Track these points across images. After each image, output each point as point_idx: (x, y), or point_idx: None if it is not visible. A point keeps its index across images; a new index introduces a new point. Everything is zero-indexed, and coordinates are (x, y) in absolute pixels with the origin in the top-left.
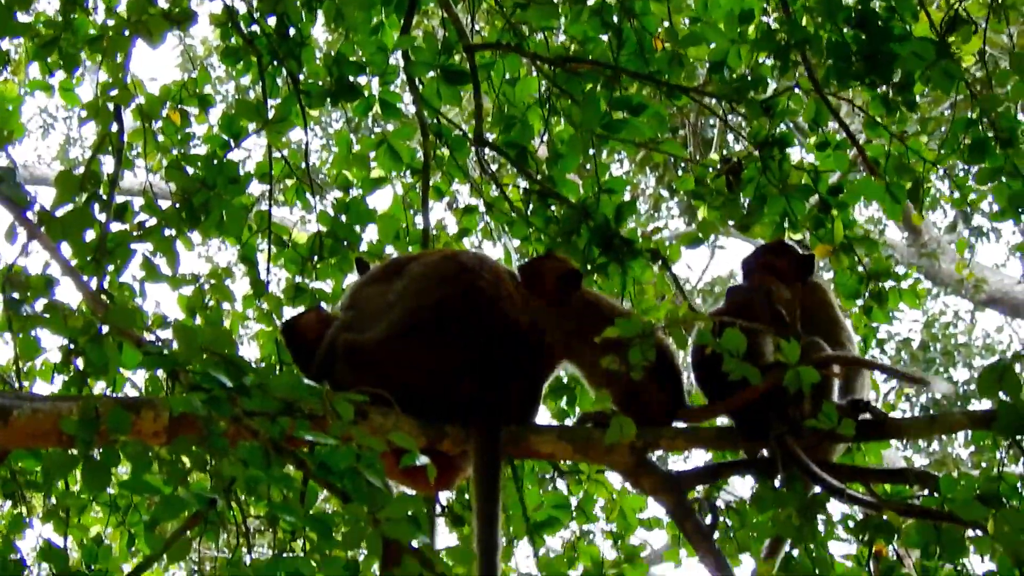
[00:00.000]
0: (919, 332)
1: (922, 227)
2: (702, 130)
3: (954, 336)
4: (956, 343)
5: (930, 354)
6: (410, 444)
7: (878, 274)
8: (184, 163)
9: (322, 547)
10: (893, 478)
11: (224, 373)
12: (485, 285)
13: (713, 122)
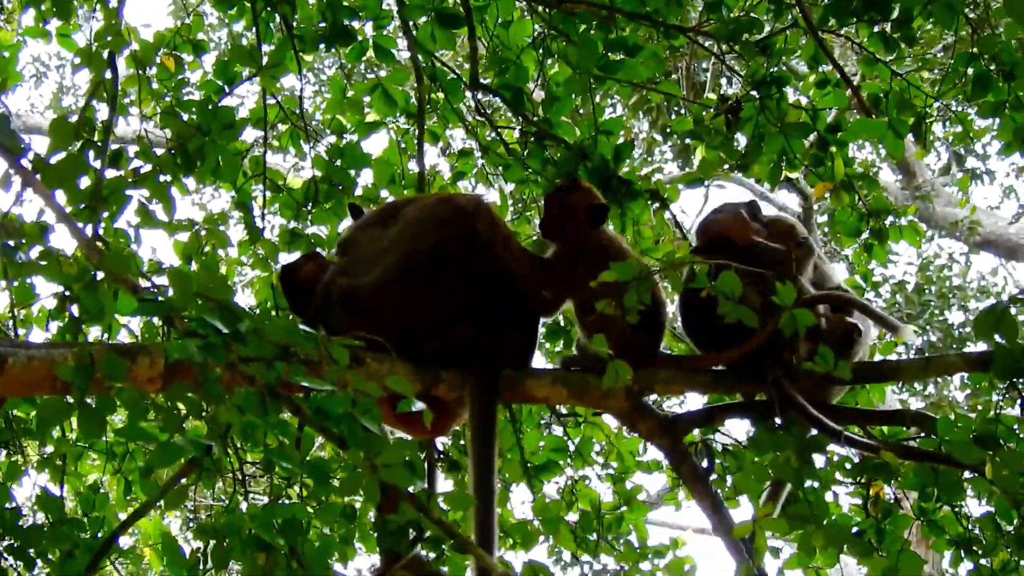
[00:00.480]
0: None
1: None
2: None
3: (949, 279)
4: (951, 285)
5: (925, 296)
6: (406, 389)
7: (878, 211)
8: (178, 109)
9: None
10: (890, 420)
11: (220, 319)
12: (482, 228)
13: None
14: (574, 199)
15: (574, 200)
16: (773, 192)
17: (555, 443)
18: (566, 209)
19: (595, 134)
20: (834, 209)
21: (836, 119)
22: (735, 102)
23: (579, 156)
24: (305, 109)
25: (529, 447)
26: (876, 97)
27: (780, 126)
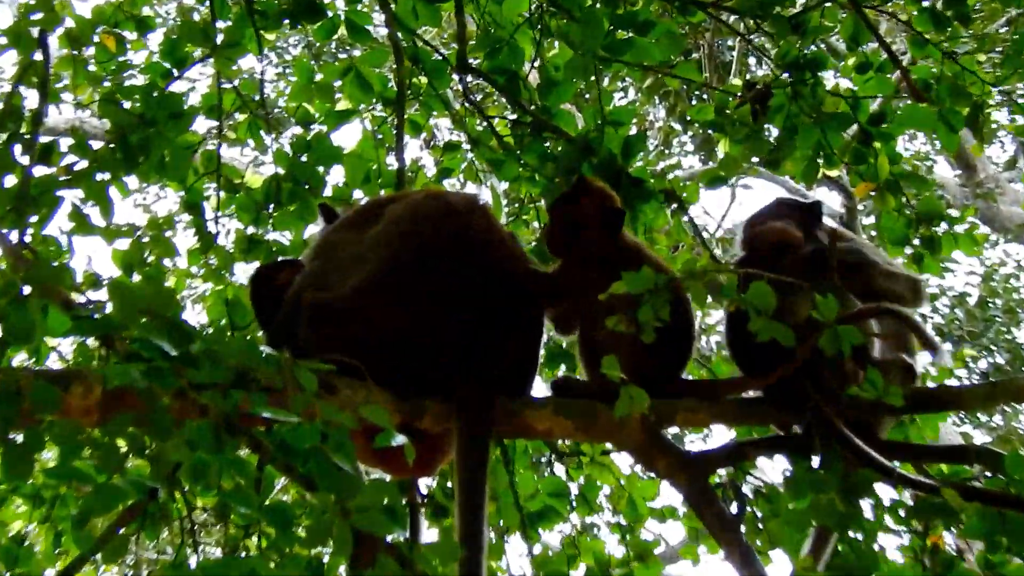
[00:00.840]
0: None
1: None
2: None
3: (1017, 290)
4: (1020, 298)
5: (990, 311)
6: (385, 421)
7: (929, 216)
8: (119, 96)
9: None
10: (951, 457)
11: (167, 340)
12: (473, 231)
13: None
14: (584, 206)
15: (584, 208)
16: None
17: (555, 486)
18: (575, 219)
19: (601, 125)
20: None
21: (881, 108)
22: (764, 88)
23: (583, 150)
24: (266, 95)
25: (524, 491)
26: (927, 82)
27: (816, 116)
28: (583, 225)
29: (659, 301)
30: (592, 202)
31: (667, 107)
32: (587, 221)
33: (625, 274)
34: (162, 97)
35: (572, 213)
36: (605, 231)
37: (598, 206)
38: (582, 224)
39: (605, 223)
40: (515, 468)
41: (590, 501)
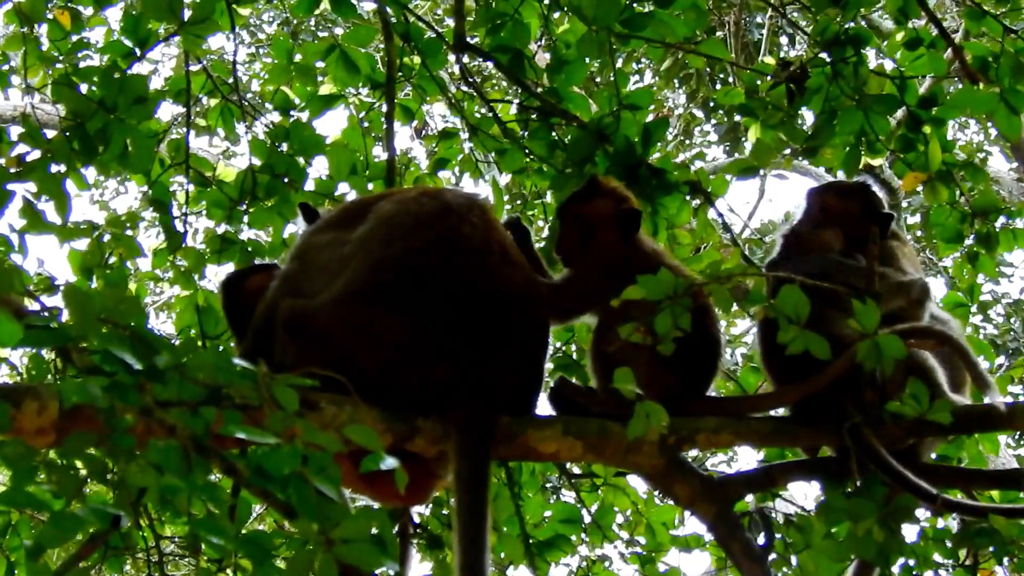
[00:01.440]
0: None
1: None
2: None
3: None
4: None
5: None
6: (373, 442)
7: (985, 210)
8: (75, 79)
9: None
10: (1004, 483)
11: (130, 351)
12: (472, 232)
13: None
14: (596, 208)
15: (596, 209)
16: None
17: (565, 512)
18: (588, 222)
19: (617, 110)
20: (929, 207)
21: (931, 89)
22: (799, 68)
23: (596, 138)
24: (240, 78)
25: (531, 518)
26: (984, 61)
27: (858, 98)
28: (596, 229)
29: (678, 309)
30: (606, 203)
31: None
32: (601, 224)
33: (641, 278)
34: (123, 80)
35: (584, 215)
36: (621, 235)
37: (613, 207)
38: (595, 227)
39: (620, 226)
40: (522, 492)
41: (604, 528)
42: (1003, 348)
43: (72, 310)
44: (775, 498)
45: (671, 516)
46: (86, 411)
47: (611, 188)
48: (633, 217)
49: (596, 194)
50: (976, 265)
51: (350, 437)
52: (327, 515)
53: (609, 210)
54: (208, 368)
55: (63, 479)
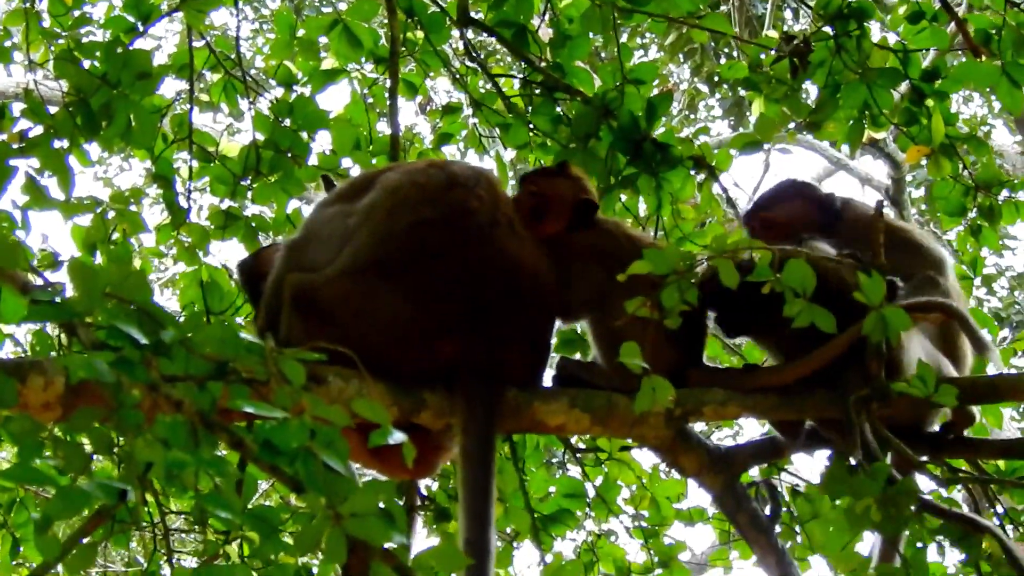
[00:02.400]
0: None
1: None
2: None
3: None
4: None
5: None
6: (380, 416)
7: (989, 183)
8: (78, 54)
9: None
10: (1010, 452)
11: (136, 326)
12: (478, 205)
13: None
14: (559, 187)
15: (559, 189)
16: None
17: (570, 487)
18: (546, 196)
19: (621, 84)
20: (932, 180)
21: (934, 63)
22: (803, 42)
23: (600, 113)
24: (243, 53)
25: (536, 492)
26: (986, 34)
27: (861, 72)
28: (550, 205)
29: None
30: (568, 186)
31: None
32: (556, 203)
33: (647, 252)
34: (126, 55)
35: (543, 189)
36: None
37: (572, 192)
38: (549, 204)
39: (574, 213)
40: (526, 467)
41: (609, 503)
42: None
43: (78, 285)
44: (780, 471)
45: (676, 490)
46: (92, 386)
47: (578, 176)
48: (588, 208)
49: (562, 175)
50: (979, 238)
51: (357, 411)
52: (335, 489)
53: (568, 194)
54: (214, 343)
55: (69, 454)
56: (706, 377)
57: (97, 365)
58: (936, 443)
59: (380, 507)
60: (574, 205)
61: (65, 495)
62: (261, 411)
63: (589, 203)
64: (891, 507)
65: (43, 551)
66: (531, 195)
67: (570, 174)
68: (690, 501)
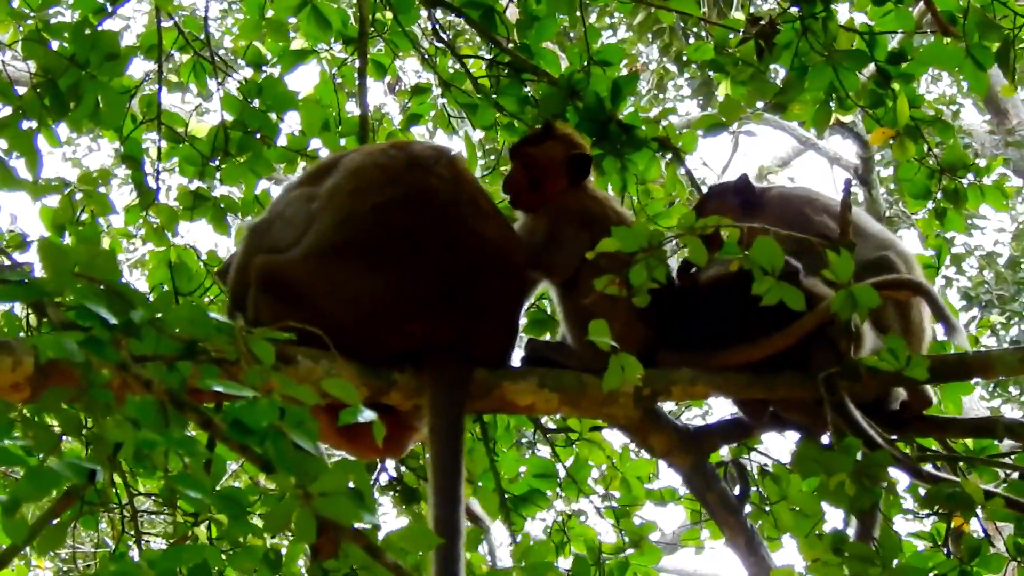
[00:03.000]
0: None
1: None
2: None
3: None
4: None
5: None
6: (350, 396)
7: (953, 166)
8: (46, 35)
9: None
10: (978, 431)
11: (105, 306)
12: (439, 185)
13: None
14: (547, 151)
15: (548, 152)
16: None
17: (540, 467)
18: (538, 163)
19: (587, 65)
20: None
21: (900, 45)
22: (769, 23)
23: (567, 94)
24: (211, 34)
25: (507, 473)
26: (951, 15)
27: (828, 54)
28: (547, 171)
29: (653, 261)
30: (558, 146)
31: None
32: (551, 167)
33: (615, 230)
34: (94, 36)
35: (535, 157)
36: (569, 179)
37: (564, 152)
38: (546, 170)
39: (570, 170)
40: (496, 448)
41: (579, 483)
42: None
43: (47, 265)
44: (750, 451)
45: (646, 470)
46: (61, 366)
47: (565, 133)
48: (583, 162)
49: (549, 137)
50: (944, 221)
51: (327, 391)
52: (304, 469)
53: (560, 154)
54: (184, 322)
55: (38, 434)
56: (675, 356)
57: (66, 345)
58: (903, 422)
59: (350, 487)
60: (568, 162)
61: (34, 476)
62: (231, 391)
63: (582, 157)
64: (865, 479)
65: (11, 533)
66: (524, 167)
67: (556, 134)
68: (661, 481)
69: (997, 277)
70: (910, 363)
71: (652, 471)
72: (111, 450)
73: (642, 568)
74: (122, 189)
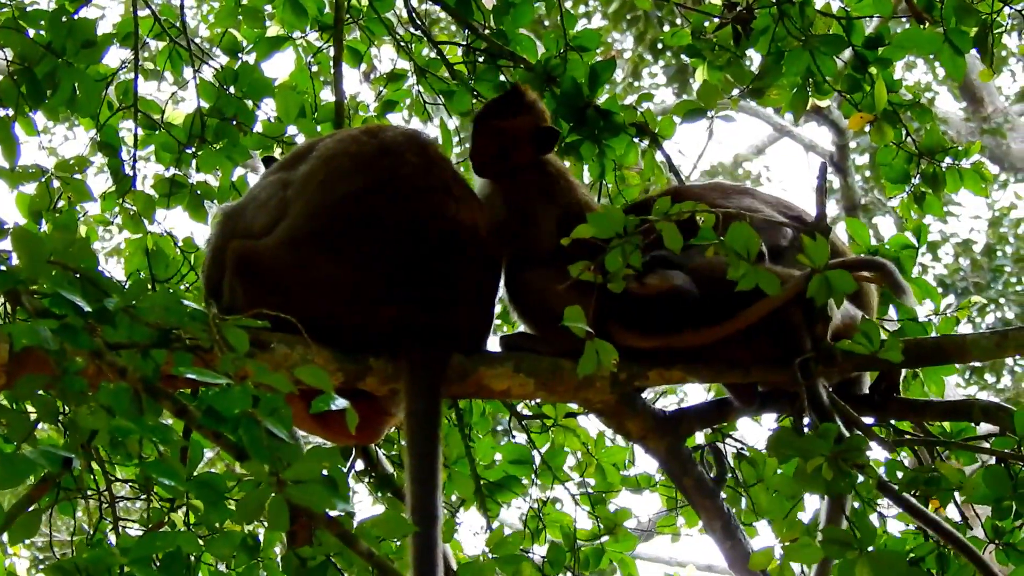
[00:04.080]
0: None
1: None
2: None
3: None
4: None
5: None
6: (324, 382)
7: (931, 150)
8: (22, 23)
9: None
10: (955, 414)
11: (80, 294)
12: (410, 172)
13: None
14: (516, 124)
15: (517, 125)
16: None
17: (516, 453)
18: (507, 136)
19: (564, 51)
20: (876, 147)
21: (877, 30)
22: (745, 8)
23: (543, 80)
24: (187, 22)
25: (482, 459)
26: (929, 1)
27: (804, 39)
28: (516, 143)
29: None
30: (526, 120)
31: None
32: (519, 139)
33: (591, 216)
34: (71, 24)
35: (504, 129)
36: (535, 151)
37: (532, 124)
38: (515, 141)
39: (536, 142)
40: (472, 434)
41: (555, 469)
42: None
43: (22, 253)
44: (726, 434)
45: (622, 457)
46: (36, 353)
47: (532, 102)
48: (550, 135)
49: (518, 110)
50: (923, 205)
51: (300, 377)
52: (278, 456)
53: (529, 127)
54: (158, 310)
55: (14, 422)
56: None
57: (41, 332)
58: (879, 405)
59: (324, 474)
60: (534, 134)
61: (9, 463)
62: (205, 378)
63: (549, 130)
64: (842, 462)
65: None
66: (490, 138)
67: (524, 103)
68: (637, 468)
69: (973, 264)
70: (885, 345)
71: (628, 457)
72: (86, 437)
73: (617, 555)
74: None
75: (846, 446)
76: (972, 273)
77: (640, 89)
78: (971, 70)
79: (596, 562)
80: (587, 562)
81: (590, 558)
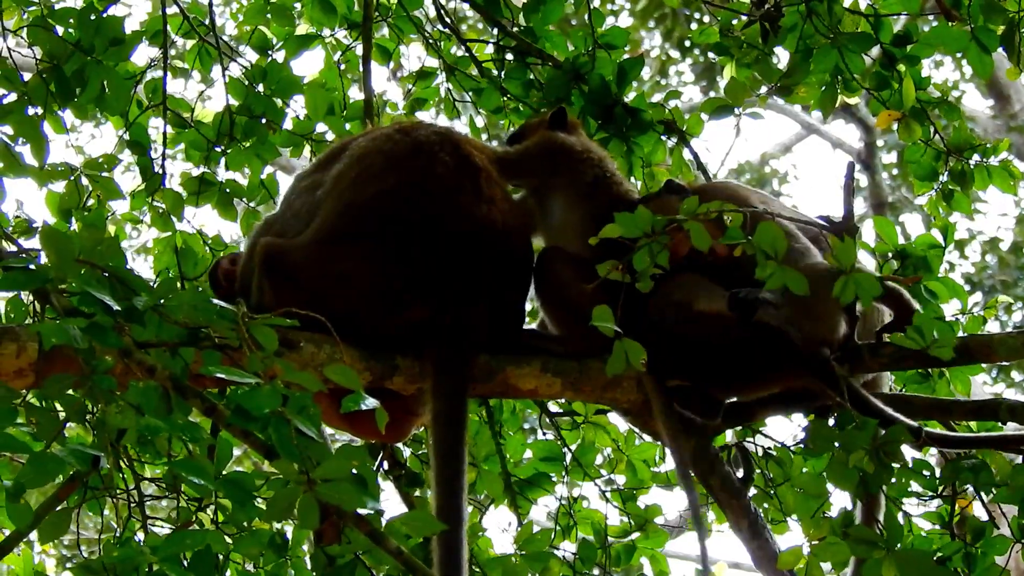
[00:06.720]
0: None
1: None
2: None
3: None
4: None
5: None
6: (352, 382)
7: (959, 148)
8: (51, 21)
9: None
10: (981, 413)
11: (109, 293)
12: (443, 171)
13: None
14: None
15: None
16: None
17: (546, 450)
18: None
19: (592, 49)
20: (904, 145)
21: (905, 27)
22: (774, 6)
23: (571, 77)
24: (216, 19)
25: (512, 456)
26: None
27: (833, 37)
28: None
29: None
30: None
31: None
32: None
33: (619, 216)
34: (99, 22)
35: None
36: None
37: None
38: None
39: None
40: (503, 431)
41: (585, 466)
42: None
43: (51, 252)
44: (754, 434)
45: (652, 453)
46: (65, 352)
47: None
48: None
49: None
50: (951, 203)
51: (329, 376)
52: (307, 454)
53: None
54: (187, 308)
55: (43, 420)
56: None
57: (70, 331)
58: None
59: (353, 473)
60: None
61: (38, 462)
62: (233, 376)
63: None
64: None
65: (15, 519)
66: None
67: None
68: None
69: (1000, 262)
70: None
71: (658, 454)
72: (115, 436)
73: (648, 551)
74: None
75: (887, 438)
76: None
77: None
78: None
79: (627, 558)
80: (618, 558)
81: (621, 555)
